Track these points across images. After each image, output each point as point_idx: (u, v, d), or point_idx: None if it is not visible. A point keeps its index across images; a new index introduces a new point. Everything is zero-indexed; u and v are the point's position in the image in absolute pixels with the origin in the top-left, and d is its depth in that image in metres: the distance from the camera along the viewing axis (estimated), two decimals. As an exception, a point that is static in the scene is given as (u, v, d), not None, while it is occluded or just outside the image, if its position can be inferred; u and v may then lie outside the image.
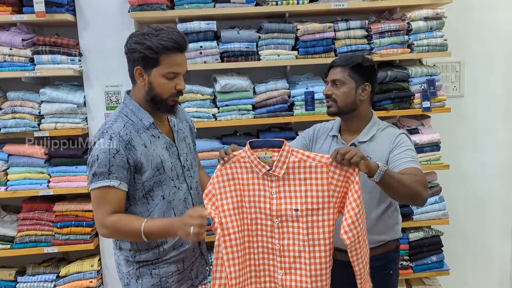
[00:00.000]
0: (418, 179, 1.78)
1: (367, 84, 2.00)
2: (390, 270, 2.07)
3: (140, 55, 1.66)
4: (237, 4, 2.68)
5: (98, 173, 1.65)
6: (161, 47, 1.64)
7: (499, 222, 3.39)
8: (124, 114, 1.75)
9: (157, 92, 1.70)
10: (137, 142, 1.71)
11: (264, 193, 1.72)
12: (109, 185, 1.64)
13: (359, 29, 2.77)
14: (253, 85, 2.81)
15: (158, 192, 1.76)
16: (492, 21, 3.20)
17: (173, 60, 1.69)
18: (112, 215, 1.66)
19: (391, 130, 2.03)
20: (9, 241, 2.78)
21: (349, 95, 1.98)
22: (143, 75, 1.70)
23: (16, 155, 2.74)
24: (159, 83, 1.69)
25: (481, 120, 3.28)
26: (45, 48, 2.67)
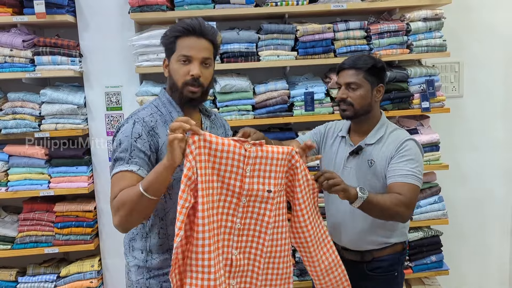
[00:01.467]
0: (401, 199, 1.78)
1: (381, 85, 2.00)
2: (395, 272, 2.05)
3: (164, 45, 1.69)
4: (236, 5, 2.69)
5: (118, 158, 1.59)
6: (173, 30, 1.65)
7: (498, 222, 3.40)
8: (154, 105, 1.72)
9: (174, 80, 1.66)
10: (162, 130, 1.65)
11: (237, 170, 1.58)
12: (127, 169, 1.56)
13: (358, 30, 2.78)
14: (253, 85, 2.81)
15: (176, 189, 1.57)
16: (491, 22, 3.21)
17: (185, 43, 1.64)
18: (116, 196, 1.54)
19: (400, 134, 1.99)
20: (9, 242, 2.78)
21: (365, 97, 1.96)
22: (167, 65, 1.70)
23: (16, 156, 2.75)
24: (174, 69, 1.65)
25: (480, 121, 3.29)
26: (45, 49, 2.68)
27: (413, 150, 1.91)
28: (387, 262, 2.00)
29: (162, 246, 1.72)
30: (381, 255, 2.00)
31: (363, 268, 2.03)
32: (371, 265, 2.02)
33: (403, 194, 1.80)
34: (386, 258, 2.00)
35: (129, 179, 1.56)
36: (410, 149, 1.91)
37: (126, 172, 1.57)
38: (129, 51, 2.72)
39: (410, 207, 1.83)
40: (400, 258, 2.07)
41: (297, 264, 2.85)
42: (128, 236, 1.78)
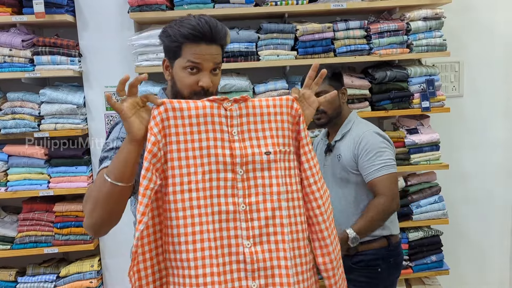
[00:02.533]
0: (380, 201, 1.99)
1: (343, 88, 2.24)
2: (378, 268, 2.11)
3: (166, 45, 1.49)
4: (236, 5, 2.69)
5: (102, 158, 1.43)
6: (179, 34, 1.43)
7: (499, 222, 3.39)
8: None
9: (178, 88, 1.48)
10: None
11: (221, 135, 1.28)
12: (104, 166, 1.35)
13: (358, 29, 2.78)
14: (252, 85, 2.81)
15: None
16: (491, 21, 3.21)
17: (194, 50, 1.43)
18: None
19: (359, 128, 2.15)
20: (9, 242, 2.78)
21: (334, 102, 2.16)
22: (168, 68, 1.51)
23: (16, 156, 2.75)
24: (180, 77, 1.46)
25: (481, 120, 3.28)
26: (44, 49, 2.68)
27: (373, 142, 2.06)
28: (370, 256, 2.10)
29: None
30: (365, 249, 2.10)
31: (347, 261, 2.09)
32: (354, 259, 2.12)
33: (382, 190, 2.00)
34: (369, 253, 2.10)
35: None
36: (370, 143, 2.06)
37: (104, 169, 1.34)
38: (128, 50, 2.72)
39: (393, 197, 2.02)
40: (385, 254, 2.12)
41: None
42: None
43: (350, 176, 2.13)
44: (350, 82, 2.78)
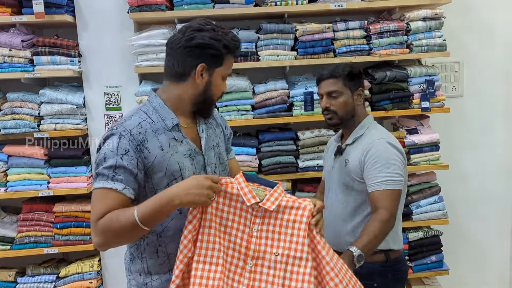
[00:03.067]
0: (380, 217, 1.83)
1: (360, 89, 2.08)
2: (374, 283, 1.97)
3: (214, 53, 1.52)
4: (236, 5, 2.69)
5: (102, 174, 1.46)
6: (233, 47, 1.56)
7: (499, 222, 3.39)
8: (143, 111, 1.57)
9: (212, 93, 1.58)
10: (152, 143, 1.51)
11: (243, 228, 1.48)
12: (111, 187, 1.44)
13: (358, 30, 2.78)
14: (252, 85, 2.81)
15: None
16: (491, 21, 3.21)
17: (231, 62, 1.60)
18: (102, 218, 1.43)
19: (372, 135, 2.02)
20: (9, 242, 2.78)
21: (348, 103, 2.05)
22: (203, 74, 1.54)
23: (15, 156, 2.74)
24: (218, 84, 1.58)
25: (480, 120, 3.28)
26: (44, 49, 2.67)
27: (383, 152, 1.93)
28: (365, 269, 1.81)
29: (163, 266, 1.58)
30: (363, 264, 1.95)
31: None
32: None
33: (382, 205, 1.86)
34: (365, 266, 1.79)
35: (113, 198, 1.45)
36: (379, 152, 1.93)
37: (110, 190, 1.44)
38: (128, 51, 2.72)
39: (392, 213, 1.86)
40: (381, 269, 1.99)
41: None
42: (125, 258, 1.67)
43: (354, 184, 2.01)
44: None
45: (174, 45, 1.54)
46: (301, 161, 2.81)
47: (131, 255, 1.63)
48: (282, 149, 2.81)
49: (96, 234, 1.44)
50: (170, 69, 1.57)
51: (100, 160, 1.48)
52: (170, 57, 1.57)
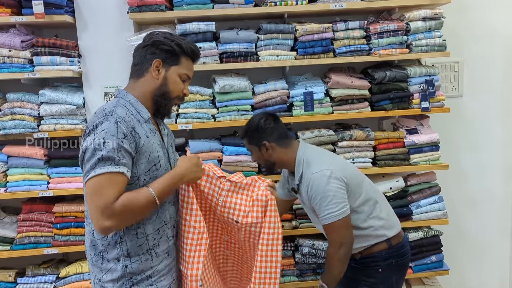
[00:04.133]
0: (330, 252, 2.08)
1: (263, 142, 2.17)
2: (379, 268, 2.17)
3: (167, 49, 1.71)
4: (235, 5, 2.69)
5: (105, 158, 1.52)
6: (189, 50, 1.75)
7: (498, 222, 3.39)
8: (122, 104, 1.68)
9: (169, 89, 1.74)
10: (140, 130, 1.66)
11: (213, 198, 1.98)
12: (118, 171, 1.52)
13: (358, 30, 2.77)
14: (252, 85, 2.81)
15: None
16: (491, 21, 3.21)
17: (190, 65, 1.79)
18: (118, 199, 1.52)
19: (307, 172, 2.11)
20: (8, 243, 2.77)
21: (260, 157, 2.23)
22: (159, 69, 1.72)
23: (15, 157, 2.74)
24: (174, 81, 1.75)
25: (480, 120, 3.29)
26: (44, 50, 2.67)
27: (318, 186, 2.04)
28: (370, 259, 2.18)
29: (142, 246, 1.68)
30: (367, 254, 2.18)
31: (351, 263, 2.19)
32: (358, 261, 2.21)
33: (328, 238, 2.10)
34: (370, 256, 2.18)
35: (121, 182, 1.55)
36: (315, 187, 2.05)
37: (117, 174, 1.53)
38: (128, 51, 2.71)
39: (340, 244, 2.05)
40: (385, 256, 2.17)
41: (297, 265, 2.84)
42: (95, 250, 1.71)
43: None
44: (349, 82, 2.78)
45: (136, 48, 1.77)
46: (301, 161, 2.81)
47: (106, 244, 1.67)
48: (282, 149, 2.81)
49: (109, 217, 1.51)
50: (132, 69, 1.78)
51: (99, 145, 1.53)
52: (133, 60, 1.77)
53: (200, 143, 2.76)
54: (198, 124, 2.72)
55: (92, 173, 1.52)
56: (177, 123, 2.73)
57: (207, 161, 2.73)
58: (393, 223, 2.24)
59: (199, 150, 2.72)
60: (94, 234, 1.70)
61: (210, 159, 2.74)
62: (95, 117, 1.62)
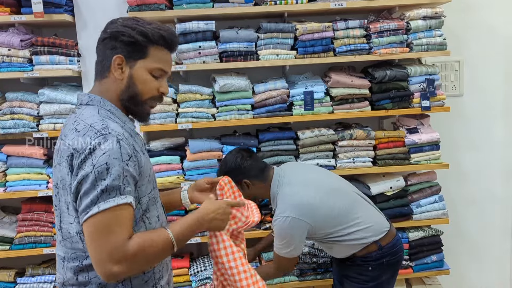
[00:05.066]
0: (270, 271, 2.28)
1: (244, 181, 2.22)
2: (369, 266, 2.22)
3: (129, 40, 1.37)
4: (235, 4, 2.68)
5: (110, 188, 1.25)
6: (158, 36, 1.39)
7: (499, 221, 3.39)
8: (106, 116, 1.37)
9: (137, 90, 1.40)
10: (137, 146, 1.39)
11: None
12: (126, 202, 1.27)
13: (358, 29, 2.77)
14: (252, 85, 2.80)
15: (153, 212, 1.45)
16: (492, 20, 3.20)
17: (163, 56, 1.42)
18: (131, 240, 1.27)
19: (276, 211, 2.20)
20: (8, 242, 2.77)
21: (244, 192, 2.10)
22: (122, 67, 1.39)
23: (15, 156, 2.73)
24: (143, 79, 1.40)
25: (481, 119, 3.28)
26: (43, 49, 2.67)
27: (276, 229, 2.16)
28: (360, 259, 2.23)
29: (148, 282, 1.43)
30: (356, 256, 2.24)
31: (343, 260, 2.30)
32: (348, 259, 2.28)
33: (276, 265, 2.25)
34: (361, 256, 2.23)
35: (130, 216, 1.29)
36: (275, 228, 2.17)
37: (124, 205, 1.27)
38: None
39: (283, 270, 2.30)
40: (375, 256, 2.21)
41: (297, 264, 2.83)
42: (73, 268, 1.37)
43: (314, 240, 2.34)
44: (350, 81, 2.77)
45: (97, 42, 1.43)
46: (301, 161, 2.81)
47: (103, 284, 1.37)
48: (282, 148, 2.80)
49: (119, 261, 1.25)
50: (95, 68, 1.46)
51: (101, 172, 1.25)
52: (96, 56, 1.45)
53: (200, 143, 2.75)
54: (198, 123, 2.72)
55: (95, 208, 1.25)
56: (177, 123, 2.72)
57: (207, 161, 2.72)
58: (380, 226, 2.25)
59: (199, 150, 2.71)
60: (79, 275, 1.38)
61: (209, 159, 2.73)
62: (85, 138, 1.29)
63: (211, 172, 2.75)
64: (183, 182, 2.73)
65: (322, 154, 2.82)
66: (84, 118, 1.36)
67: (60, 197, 1.38)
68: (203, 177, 1.93)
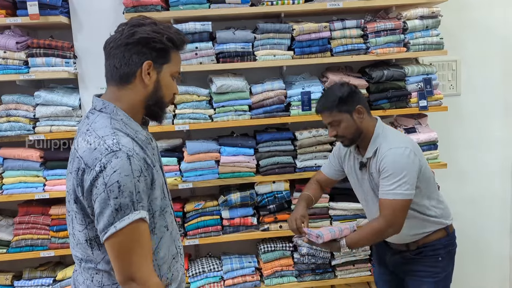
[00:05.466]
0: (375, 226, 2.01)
1: (358, 106, 2.10)
2: (439, 257, 2.15)
3: (160, 47, 1.39)
4: (232, 5, 2.67)
5: (124, 206, 1.26)
6: (180, 41, 1.43)
7: (498, 221, 3.39)
8: (117, 129, 1.37)
9: (163, 93, 1.43)
10: (148, 160, 1.38)
11: None
12: (141, 217, 1.29)
13: (355, 29, 2.76)
14: (249, 85, 2.79)
15: (161, 222, 1.45)
16: (488, 19, 3.20)
17: (179, 58, 1.48)
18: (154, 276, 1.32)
19: (385, 146, 2.06)
20: (5, 246, 2.75)
21: (350, 126, 2.10)
22: (149, 72, 1.40)
23: (11, 159, 2.72)
24: (167, 83, 1.43)
25: (478, 119, 3.28)
26: (39, 51, 2.65)
27: (392, 161, 1.99)
28: (429, 247, 2.15)
29: None
30: (424, 242, 2.15)
31: (408, 254, 2.20)
32: (415, 251, 2.18)
33: (383, 213, 2.00)
34: (428, 245, 2.15)
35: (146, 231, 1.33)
36: (389, 162, 2.00)
37: (140, 222, 1.30)
38: (124, 52, 2.69)
39: (392, 224, 1.99)
40: (445, 243, 2.16)
41: (296, 265, 2.83)
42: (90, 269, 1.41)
43: None
44: (347, 81, 2.77)
45: (114, 44, 1.41)
46: (299, 161, 2.80)
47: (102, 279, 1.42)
48: (280, 149, 2.79)
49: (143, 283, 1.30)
50: (112, 72, 1.43)
51: (112, 191, 1.26)
52: (110, 60, 1.43)
53: (197, 144, 2.74)
54: (195, 124, 2.71)
55: (112, 229, 1.27)
56: (174, 124, 2.71)
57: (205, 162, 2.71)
58: (449, 211, 2.25)
59: (196, 151, 2.70)
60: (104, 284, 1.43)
61: (207, 160, 2.72)
62: (96, 153, 1.30)
63: (208, 173, 2.74)
64: (181, 184, 2.72)
65: (320, 155, 2.81)
66: (96, 129, 1.37)
67: (72, 205, 1.40)
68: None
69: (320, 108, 2.15)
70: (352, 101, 2.09)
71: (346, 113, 2.09)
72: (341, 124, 2.09)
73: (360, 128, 2.10)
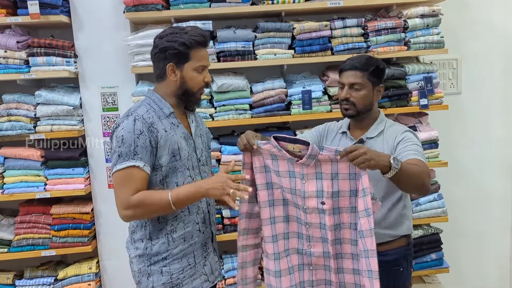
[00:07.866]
0: (424, 168, 1.82)
1: (381, 85, 2.09)
2: (401, 267, 2.09)
3: (174, 52, 1.79)
4: (232, 4, 2.67)
5: (123, 154, 1.73)
6: (194, 42, 1.80)
7: (498, 219, 3.39)
8: (146, 103, 1.86)
9: (189, 86, 1.84)
10: (159, 126, 1.80)
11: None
12: (134, 165, 1.71)
13: (355, 27, 2.76)
14: (250, 84, 2.80)
15: (172, 178, 1.82)
16: (489, 18, 3.20)
17: (201, 54, 1.84)
18: (136, 194, 1.71)
19: (398, 127, 2.11)
20: (6, 245, 2.76)
21: (368, 97, 2.05)
22: (175, 71, 1.83)
23: (12, 158, 2.72)
24: (191, 77, 1.84)
25: (479, 117, 3.28)
26: (40, 50, 2.66)
27: (414, 138, 2.02)
28: (392, 256, 2.06)
29: (162, 230, 1.84)
30: (387, 249, 2.04)
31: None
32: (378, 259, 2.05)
33: (422, 166, 1.82)
34: (391, 253, 2.05)
35: (139, 177, 1.73)
36: (412, 137, 2.01)
37: (133, 168, 1.72)
38: (124, 51, 2.70)
39: (429, 179, 1.87)
40: (405, 253, 2.11)
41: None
42: (130, 229, 1.92)
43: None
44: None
45: (151, 53, 1.88)
46: (299, 160, 2.80)
47: (133, 228, 1.89)
48: (281, 148, 2.79)
49: (126, 208, 1.72)
50: (154, 73, 1.91)
51: (118, 142, 1.74)
52: (153, 64, 1.90)
53: (198, 143, 2.74)
54: (196, 123, 2.71)
55: (114, 168, 1.75)
56: (175, 123, 2.71)
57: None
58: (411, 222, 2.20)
59: (197, 150, 2.70)
60: None
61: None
62: (121, 117, 1.85)
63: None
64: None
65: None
66: (133, 105, 1.89)
67: None
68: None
69: (353, 64, 2.04)
70: (381, 77, 2.09)
71: (371, 84, 2.04)
72: (361, 91, 2.03)
73: (372, 105, 2.08)
